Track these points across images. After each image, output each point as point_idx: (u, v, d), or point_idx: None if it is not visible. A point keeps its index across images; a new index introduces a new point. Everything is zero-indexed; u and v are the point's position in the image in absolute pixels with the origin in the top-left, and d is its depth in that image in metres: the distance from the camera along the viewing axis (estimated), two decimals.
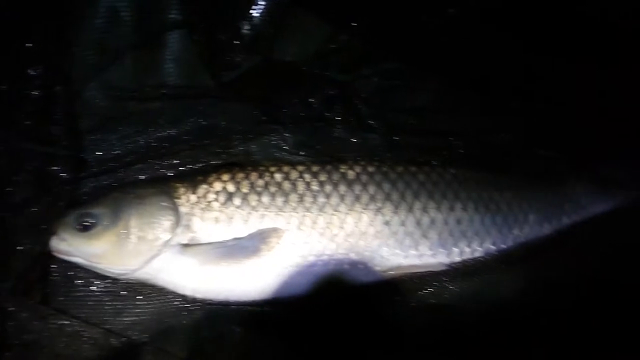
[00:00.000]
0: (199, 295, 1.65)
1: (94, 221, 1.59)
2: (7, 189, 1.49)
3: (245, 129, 1.88)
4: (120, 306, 1.69)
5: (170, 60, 1.81)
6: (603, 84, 1.83)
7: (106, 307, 1.68)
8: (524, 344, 1.65)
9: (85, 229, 1.59)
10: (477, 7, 1.81)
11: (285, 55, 1.92)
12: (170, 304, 1.70)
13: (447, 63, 1.85)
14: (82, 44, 1.71)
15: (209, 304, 1.69)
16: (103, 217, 1.60)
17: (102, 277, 1.67)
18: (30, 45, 1.51)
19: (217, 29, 1.75)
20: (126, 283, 1.68)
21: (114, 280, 1.68)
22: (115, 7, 1.72)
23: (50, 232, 1.56)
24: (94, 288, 1.68)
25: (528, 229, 1.83)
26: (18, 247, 1.46)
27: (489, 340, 1.67)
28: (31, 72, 1.49)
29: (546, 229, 1.87)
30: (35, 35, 1.51)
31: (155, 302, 1.70)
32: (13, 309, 1.39)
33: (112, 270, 1.62)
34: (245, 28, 1.78)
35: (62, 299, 1.65)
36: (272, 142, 1.91)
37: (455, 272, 1.79)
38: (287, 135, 1.90)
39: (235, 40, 1.77)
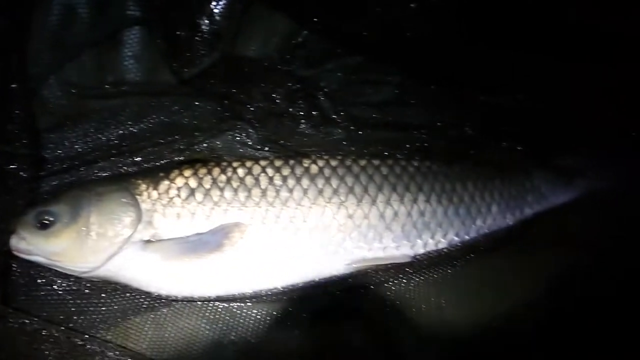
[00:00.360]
0: (163, 291, 1.64)
1: (53, 219, 1.58)
2: None
3: (209, 126, 1.87)
4: (83, 305, 1.67)
5: (130, 57, 1.81)
6: (562, 77, 1.83)
7: (69, 306, 1.66)
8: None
9: (44, 227, 1.57)
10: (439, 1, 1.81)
11: (247, 51, 1.92)
12: (134, 301, 1.67)
13: (410, 57, 1.84)
14: (38, 41, 1.67)
15: (174, 300, 1.65)
16: (62, 215, 1.58)
17: (65, 275, 1.65)
18: None
19: (176, 25, 1.74)
20: (89, 281, 1.65)
21: (77, 279, 1.65)
22: (71, 4, 1.68)
23: (10, 231, 1.52)
24: (56, 287, 1.66)
25: (491, 220, 1.85)
26: None
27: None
28: None
29: (509, 220, 1.89)
30: None
31: (119, 299, 1.67)
32: None
33: (73, 268, 1.60)
34: (206, 24, 1.77)
35: (23, 298, 1.62)
36: (237, 138, 1.91)
37: (420, 263, 1.76)
38: (251, 131, 1.89)
39: (196, 36, 1.74)
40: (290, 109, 1.88)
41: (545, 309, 1.69)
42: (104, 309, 1.67)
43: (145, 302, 1.69)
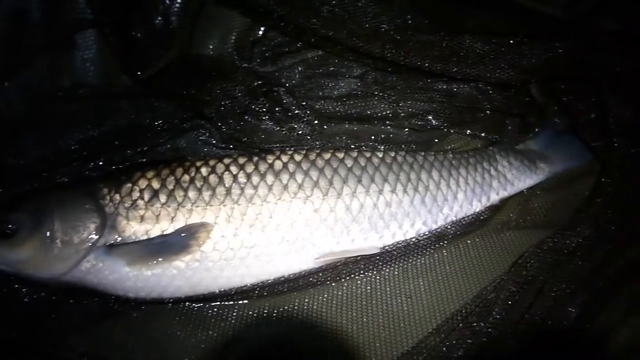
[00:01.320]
0: (131, 294, 1.63)
1: (15, 227, 1.56)
2: None
3: (171, 126, 1.86)
4: (52, 311, 1.64)
5: (85, 60, 1.80)
6: (523, 61, 1.85)
7: (37, 314, 1.62)
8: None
9: (6, 236, 1.56)
10: None
11: (205, 50, 1.91)
12: (104, 305, 1.66)
13: (369, 48, 1.84)
14: None
15: (144, 303, 1.63)
16: (25, 223, 1.57)
17: (31, 283, 1.63)
18: None
19: (130, 26, 1.72)
20: (56, 288, 1.62)
21: (44, 286, 1.62)
22: (23, 7, 1.65)
23: None
24: (22, 295, 1.62)
25: (458, 207, 1.87)
26: None
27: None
28: None
29: (476, 206, 1.91)
30: None
31: (88, 304, 1.66)
32: None
33: (39, 276, 1.60)
34: (160, 23, 1.76)
35: None
36: (200, 138, 1.90)
37: (389, 254, 1.76)
38: (214, 129, 1.88)
39: (150, 37, 1.73)
40: (252, 106, 1.86)
41: (513, 289, 1.69)
42: (73, 314, 1.64)
43: (115, 306, 1.66)
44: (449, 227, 1.87)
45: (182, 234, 1.61)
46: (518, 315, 1.58)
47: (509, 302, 1.62)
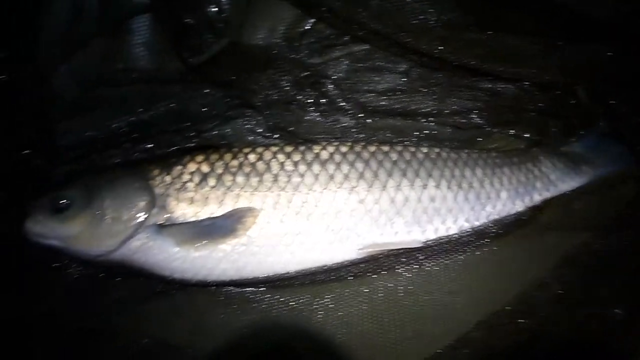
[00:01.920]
0: (177, 275, 1.65)
1: (68, 203, 1.59)
2: None
3: (218, 113, 1.88)
4: (98, 289, 1.65)
5: (139, 45, 1.82)
6: (570, 63, 1.84)
7: (84, 290, 1.64)
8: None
9: (59, 211, 1.58)
10: None
11: (255, 39, 1.93)
12: (148, 285, 1.68)
13: (416, 44, 1.85)
14: (48, 30, 1.68)
15: (188, 284, 1.66)
16: (77, 199, 1.60)
17: (79, 260, 1.65)
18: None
19: (184, 12, 1.74)
20: (104, 266, 1.65)
21: (91, 264, 1.64)
22: None
23: (25, 216, 1.52)
24: (71, 271, 1.65)
25: (500, 206, 1.86)
26: None
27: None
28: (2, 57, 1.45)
29: (518, 206, 1.90)
30: (1, 19, 1.47)
31: (133, 284, 1.69)
32: None
33: (88, 252, 1.62)
34: (213, 11, 1.77)
35: (39, 283, 1.61)
36: (246, 126, 1.91)
37: (431, 249, 1.76)
38: (259, 118, 1.90)
39: (203, 24, 1.75)
40: (299, 97, 1.88)
41: (554, 292, 1.68)
42: (118, 293, 1.65)
43: (159, 287, 1.68)
44: (490, 225, 1.84)
45: (230, 218, 1.61)
46: (563, 316, 1.55)
47: (554, 302, 1.58)
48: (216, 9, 1.75)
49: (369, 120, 1.93)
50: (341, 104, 1.90)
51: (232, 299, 1.72)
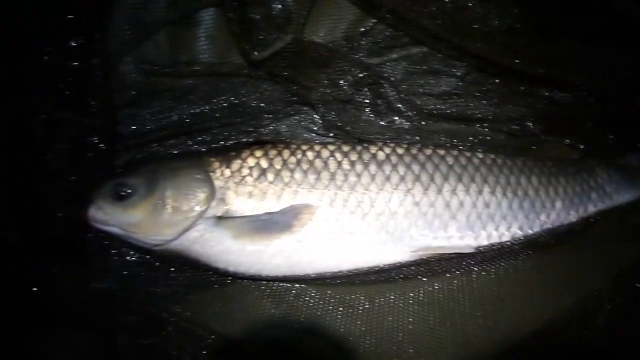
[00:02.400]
0: (231, 268, 1.67)
1: (130, 191, 1.62)
2: (46, 157, 1.47)
3: (275, 109, 1.88)
4: (153, 277, 1.69)
5: (203, 38, 1.83)
6: (630, 73, 1.81)
7: (140, 278, 1.67)
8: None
9: (121, 198, 1.61)
10: None
11: (315, 37, 1.93)
12: (202, 276, 1.69)
13: (474, 49, 1.84)
14: (118, 19, 1.70)
15: (240, 278, 1.67)
16: (139, 187, 1.62)
17: (137, 247, 1.69)
18: (72, 16, 1.48)
19: (250, 7, 1.74)
20: (160, 254, 1.68)
21: (148, 251, 1.67)
22: None
23: (88, 201, 1.55)
24: (128, 258, 1.68)
25: (555, 215, 1.85)
26: (58, 214, 1.44)
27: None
28: (72, 44, 1.47)
29: (572, 217, 1.89)
30: (75, 7, 1.50)
31: (187, 274, 1.71)
32: (55, 273, 1.38)
33: (147, 240, 1.64)
34: (278, 7, 1.77)
35: (97, 267, 1.65)
36: (301, 123, 1.92)
37: (482, 255, 1.76)
38: (316, 116, 1.91)
39: (268, 20, 1.75)
40: (356, 96, 1.87)
41: (606, 305, 1.66)
42: (172, 282, 1.69)
43: (213, 278, 1.71)
44: (544, 234, 1.82)
45: (287, 214, 1.62)
46: (617, 328, 1.53)
47: (607, 314, 1.56)
48: (281, 5, 1.74)
49: (423, 123, 1.90)
50: (397, 105, 1.89)
51: (283, 295, 1.72)
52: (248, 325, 1.66)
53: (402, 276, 1.76)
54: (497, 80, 1.95)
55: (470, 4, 1.82)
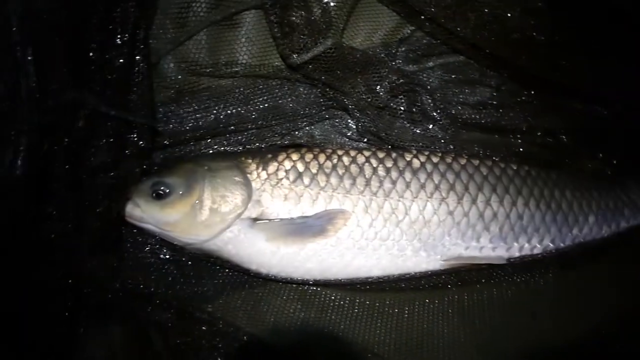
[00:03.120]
0: (263, 270, 1.68)
1: (168, 190, 1.63)
2: (88, 151, 1.48)
3: (311, 112, 1.89)
4: (184, 276, 1.70)
5: (244, 39, 1.84)
6: None
7: (171, 276, 1.69)
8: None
9: (159, 197, 1.62)
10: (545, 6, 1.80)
11: (353, 42, 1.93)
12: (233, 277, 1.70)
13: (510, 60, 1.83)
14: (162, 17, 1.71)
15: (271, 280, 1.68)
16: (177, 187, 1.63)
17: (170, 245, 1.70)
18: (118, 13, 1.50)
19: (291, 10, 1.75)
20: (192, 254, 1.69)
21: (181, 250, 1.68)
22: None
23: (126, 198, 1.56)
24: (162, 256, 1.69)
25: (587, 230, 1.84)
26: (97, 209, 1.45)
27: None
28: (118, 41, 1.49)
29: (605, 232, 1.88)
30: (122, 4, 1.51)
31: (219, 274, 1.72)
32: (91, 268, 1.39)
33: (182, 240, 1.65)
34: (319, 12, 1.78)
35: (130, 263, 1.66)
36: (336, 127, 1.93)
37: (514, 267, 1.75)
38: (350, 121, 1.91)
39: (309, 24, 1.76)
40: (391, 103, 1.88)
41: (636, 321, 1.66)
42: (204, 281, 1.69)
43: (244, 280, 1.71)
44: (575, 248, 1.81)
45: (321, 218, 1.63)
46: None
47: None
48: (321, 10, 1.74)
49: (458, 132, 1.89)
50: (432, 113, 1.89)
51: (313, 299, 1.72)
52: (277, 327, 1.66)
53: (432, 285, 1.75)
54: (532, 92, 1.92)
55: (509, 15, 1.78)
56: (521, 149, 1.97)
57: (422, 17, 1.83)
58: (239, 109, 1.83)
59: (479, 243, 1.72)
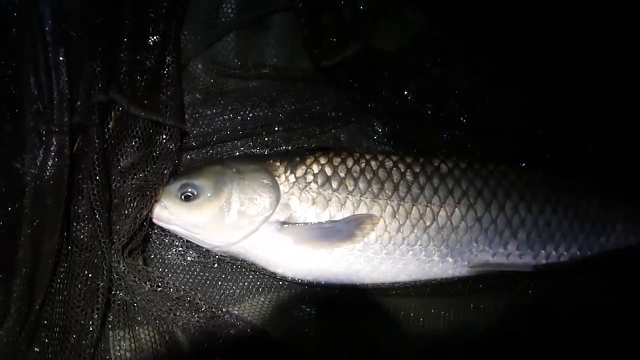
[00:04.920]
0: (290, 274, 1.67)
1: (196, 192, 1.63)
2: (117, 152, 1.48)
3: (338, 115, 1.88)
4: (210, 278, 1.70)
5: (273, 41, 1.85)
6: None
7: (197, 278, 1.70)
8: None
9: (187, 199, 1.63)
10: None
11: (382, 46, 1.92)
12: (258, 280, 1.70)
13: (537, 69, 1.82)
14: (193, 19, 1.71)
15: (297, 283, 1.68)
16: (206, 189, 1.63)
17: (196, 247, 1.70)
18: (149, 14, 1.50)
19: (321, 14, 1.75)
20: (218, 256, 1.69)
21: (207, 252, 1.68)
22: None
23: (154, 200, 1.56)
24: (189, 258, 1.69)
25: (614, 238, 1.83)
26: (125, 211, 1.45)
27: None
28: (149, 42, 1.49)
29: (631, 241, 1.86)
30: (154, 5, 1.51)
31: (244, 277, 1.72)
32: (123, 269, 1.39)
33: (209, 242, 1.65)
34: (349, 15, 1.77)
35: (158, 264, 1.66)
36: (363, 131, 1.92)
37: (540, 274, 1.74)
38: (376, 124, 1.90)
39: (339, 27, 1.76)
40: (419, 107, 1.86)
41: None
42: (230, 284, 1.69)
43: (269, 283, 1.70)
44: (602, 257, 1.79)
45: (349, 223, 1.63)
46: None
47: None
48: (351, 14, 1.74)
49: (486, 138, 1.87)
50: (460, 119, 1.86)
51: (338, 304, 1.71)
52: (301, 330, 1.65)
53: (458, 290, 1.72)
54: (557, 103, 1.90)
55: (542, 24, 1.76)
56: (548, 156, 1.92)
57: (453, 20, 1.79)
58: (266, 110, 1.84)
59: (506, 250, 1.71)
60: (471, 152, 1.89)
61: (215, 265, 1.71)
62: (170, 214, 1.60)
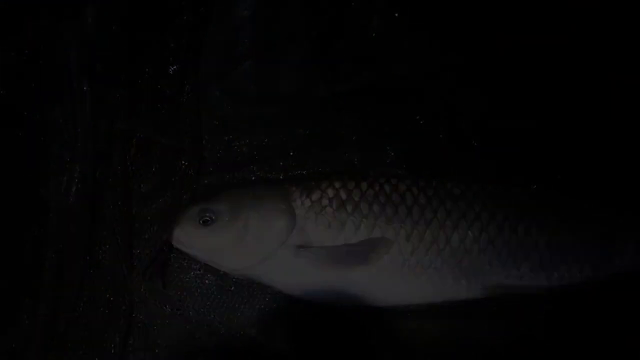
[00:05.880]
0: (306, 297, 1.71)
1: (214, 217, 1.66)
2: (138, 178, 1.52)
3: (351, 140, 1.91)
4: (227, 301, 1.73)
5: (288, 69, 1.88)
6: None
7: (214, 301, 1.72)
8: None
9: (205, 223, 1.65)
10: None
11: (396, 70, 1.95)
12: (276, 303, 1.72)
13: (549, 94, 1.85)
14: (210, 48, 1.76)
15: (313, 306, 1.70)
16: (223, 214, 1.67)
17: (213, 270, 1.73)
18: (170, 44, 1.55)
19: (336, 40, 1.79)
20: (236, 279, 1.72)
21: (224, 275, 1.72)
22: (243, 16, 1.77)
23: (174, 224, 1.60)
24: (207, 281, 1.73)
25: (628, 259, 1.83)
26: (145, 235, 1.49)
27: None
28: (170, 71, 1.53)
29: None
30: (174, 34, 1.56)
31: (260, 300, 1.74)
32: (144, 292, 1.43)
33: (227, 266, 1.69)
34: (363, 42, 1.82)
35: (176, 287, 1.69)
36: (375, 155, 1.94)
37: (554, 295, 1.75)
38: (389, 148, 1.93)
39: (353, 54, 1.79)
40: (431, 131, 1.89)
41: None
42: (248, 306, 1.72)
43: (286, 306, 1.72)
44: (617, 278, 1.80)
45: (364, 246, 1.64)
46: None
47: None
48: (366, 41, 1.78)
49: (498, 160, 1.90)
50: (473, 142, 1.89)
51: (352, 326, 1.72)
52: (319, 353, 1.66)
53: (471, 312, 1.73)
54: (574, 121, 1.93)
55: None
56: (559, 177, 1.94)
57: (465, 45, 1.83)
58: (282, 136, 1.86)
59: (519, 272, 1.73)
60: (483, 175, 1.87)
61: (233, 288, 1.73)
62: (190, 238, 1.64)
